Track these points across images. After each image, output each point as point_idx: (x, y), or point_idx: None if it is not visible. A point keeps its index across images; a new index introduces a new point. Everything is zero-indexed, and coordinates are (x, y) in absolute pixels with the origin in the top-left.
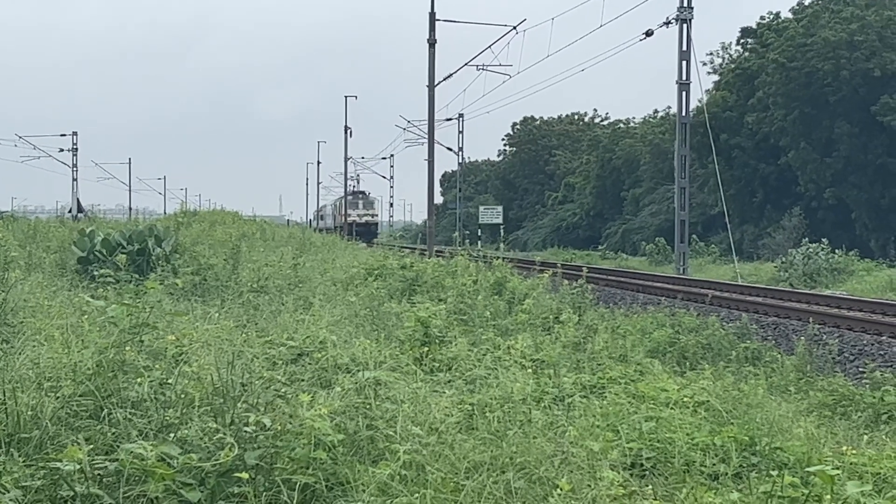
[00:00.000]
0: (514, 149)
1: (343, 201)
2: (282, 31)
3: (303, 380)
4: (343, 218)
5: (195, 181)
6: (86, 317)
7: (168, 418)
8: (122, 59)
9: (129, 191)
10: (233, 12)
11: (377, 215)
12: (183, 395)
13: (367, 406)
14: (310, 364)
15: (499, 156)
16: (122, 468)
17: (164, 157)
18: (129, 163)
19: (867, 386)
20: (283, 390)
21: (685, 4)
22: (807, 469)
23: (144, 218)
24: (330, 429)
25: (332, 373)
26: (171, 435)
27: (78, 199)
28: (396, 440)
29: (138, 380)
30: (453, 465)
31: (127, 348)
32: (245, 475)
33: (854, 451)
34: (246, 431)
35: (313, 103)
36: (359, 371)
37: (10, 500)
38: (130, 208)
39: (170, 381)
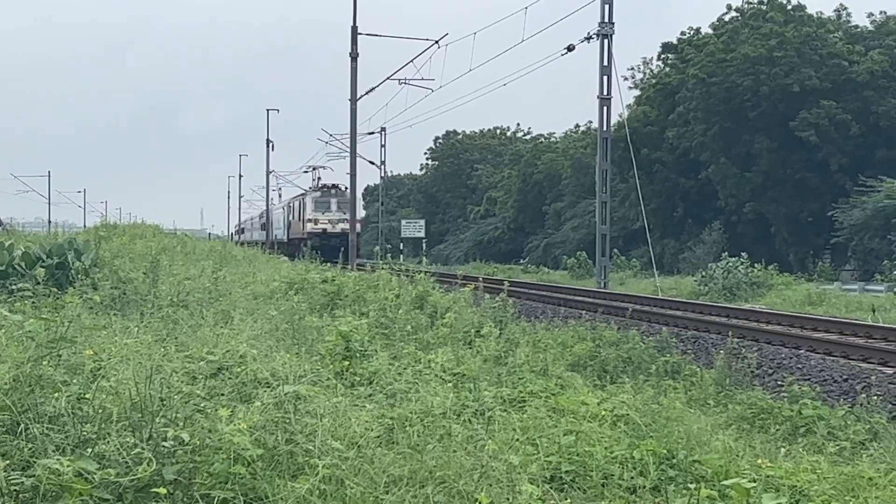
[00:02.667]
0: (437, 163)
1: (304, 201)
2: (205, 45)
3: (222, 394)
4: (303, 225)
5: (116, 194)
6: (2, 331)
7: (85, 433)
8: (41, 71)
9: (49, 204)
10: (158, 27)
11: (358, 221)
12: (101, 410)
13: (287, 420)
14: (230, 378)
15: (421, 170)
16: (39, 484)
17: (85, 169)
18: (49, 176)
19: (785, 399)
20: (202, 405)
21: (606, 20)
22: (723, 482)
23: (64, 231)
24: (249, 443)
25: (252, 387)
26: (89, 450)
27: None
28: (316, 454)
29: (55, 395)
30: (372, 479)
31: (44, 363)
32: (163, 490)
33: (771, 464)
34: (164, 446)
35: (236, 116)
36: (279, 385)
37: None
38: (50, 221)
39: (87, 395)
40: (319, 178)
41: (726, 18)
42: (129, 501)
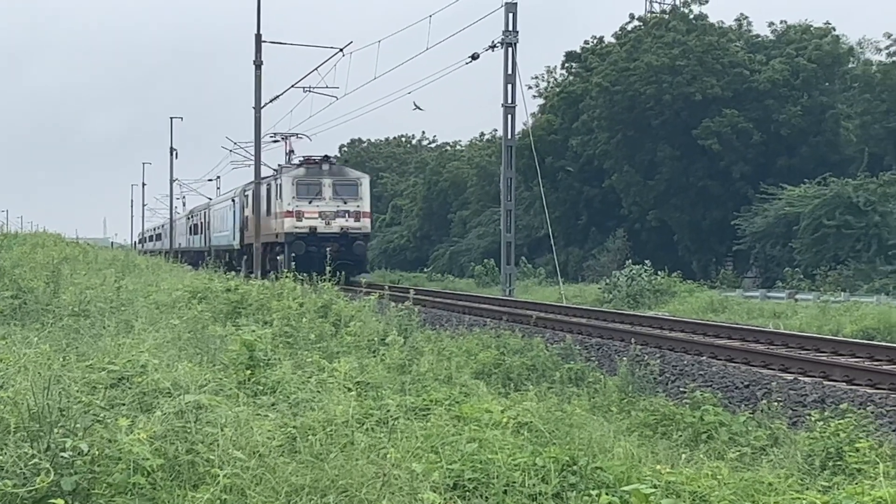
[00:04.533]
0: None
1: (278, 184)
2: (104, 52)
3: (123, 404)
4: (277, 222)
5: (17, 203)
6: None
7: None
8: None
9: None
10: (54, 34)
11: (367, 215)
12: None
13: (188, 430)
14: (130, 388)
15: None
16: None
17: None
18: None
19: (687, 405)
20: (101, 415)
21: (510, 28)
22: (623, 488)
23: None
24: (149, 453)
25: (153, 397)
26: None
27: None
28: (217, 464)
29: None
30: (274, 488)
31: None
32: (61, 501)
33: (672, 470)
34: (63, 457)
35: (139, 124)
36: (180, 395)
37: None
38: None
39: None
40: (292, 152)
41: (629, 27)
42: None
